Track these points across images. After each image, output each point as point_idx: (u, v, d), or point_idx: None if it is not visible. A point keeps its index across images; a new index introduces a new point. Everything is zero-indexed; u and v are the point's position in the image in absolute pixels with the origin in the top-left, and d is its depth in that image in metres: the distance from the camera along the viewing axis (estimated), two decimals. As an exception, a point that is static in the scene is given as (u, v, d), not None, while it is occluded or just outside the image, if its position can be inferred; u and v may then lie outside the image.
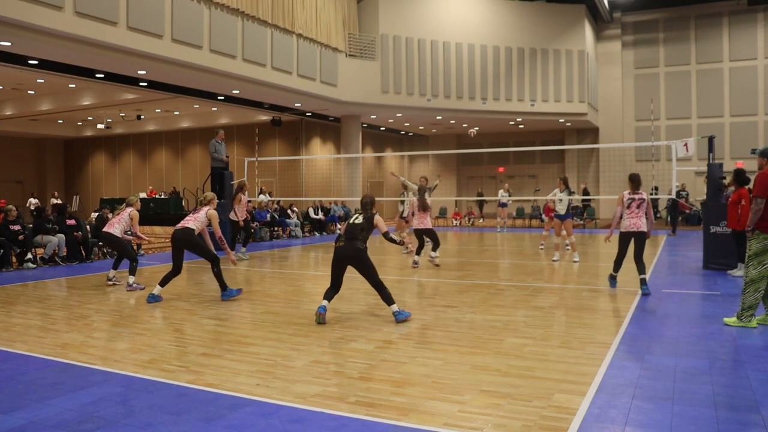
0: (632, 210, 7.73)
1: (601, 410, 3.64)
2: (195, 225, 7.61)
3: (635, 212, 7.72)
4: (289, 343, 5.32)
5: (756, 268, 5.75)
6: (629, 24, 28.23)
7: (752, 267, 5.77)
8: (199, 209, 7.84)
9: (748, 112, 26.16)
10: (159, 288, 7.49)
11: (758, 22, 25.93)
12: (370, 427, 3.43)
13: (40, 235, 11.36)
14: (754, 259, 5.76)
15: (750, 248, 5.80)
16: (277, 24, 17.79)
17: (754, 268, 5.76)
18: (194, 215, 7.74)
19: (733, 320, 5.86)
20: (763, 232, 5.74)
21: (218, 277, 7.58)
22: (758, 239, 5.75)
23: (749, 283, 5.76)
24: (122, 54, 13.50)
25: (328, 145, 26.83)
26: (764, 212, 5.75)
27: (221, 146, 14.64)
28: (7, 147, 29.91)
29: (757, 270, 5.74)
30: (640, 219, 7.69)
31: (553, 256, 11.72)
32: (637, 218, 7.70)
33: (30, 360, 4.91)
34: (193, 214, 7.77)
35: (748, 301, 5.75)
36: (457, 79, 22.97)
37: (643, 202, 7.71)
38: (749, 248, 5.81)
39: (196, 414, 3.65)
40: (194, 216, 7.72)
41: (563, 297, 7.63)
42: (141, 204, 9.79)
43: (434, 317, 6.41)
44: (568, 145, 27.89)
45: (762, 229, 5.74)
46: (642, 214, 7.71)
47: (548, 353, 4.91)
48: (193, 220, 7.65)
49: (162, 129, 29.09)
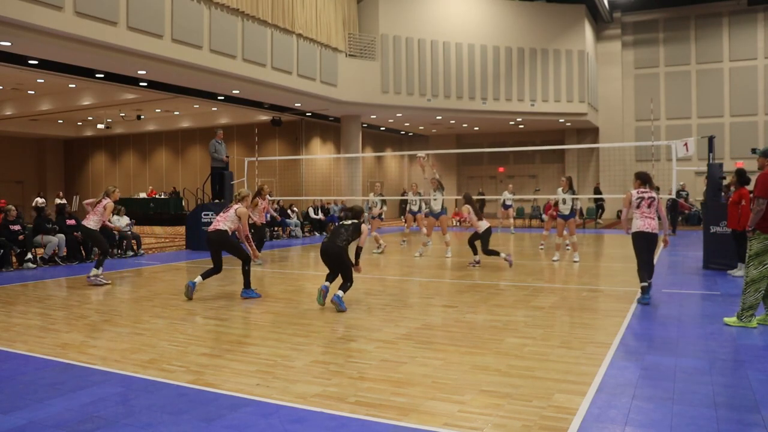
0: (643, 209, 7.07)
1: (601, 410, 3.64)
2: (226, 225, 7.75)
3: (646, 212, 7.06)
4: (289, 343, 5.32)
5: (757, 268, 5.75)
6: (629, 24, 28.24)
7: (753, 267, 5.77)
8: (229, 207, 7.95)
9: (748, 112, 26.16)
10: (200, 279, 7.77)
11: (758, 22, 25.94)
12: (370, 427, 3.43)
13: (40, 235, 11.36)
14: (755, 259, 5.76)
15: (751, 248, 5.80)
16: (277, 24, 17.79)
17: (755, 268, 5.76)
18: (224, 214, 7.85)
19: (734, 320, 5.86)
20: (763, 232, 5.74)
21: (246, 275, 7.81)
22: (759, 239, 5.75)
23: (750, 283, 5.76)
24: (122, 54, 13.50)
25: (328, 145, 26.83)
26: (766, 212, 5.76)
27: (221, 146, 14.65)
28: (7, 147, 29.92)
29: (758, 270, 5.74)
30: (654, 219, 7.09)
31: (553, 256, 11.73)
32: (651, 218, 7.09)
33: (30, 360, 4.91)
34: (224, 213, 7.88)
35: (748, 301, 5.75)
36: (457, 79, 22.97)
37: (654, 200, 7.08)
38: (750, 248, 5.81)
39: (196, 414, 3.65)
40: (225, 215, 7.83)
41: (563, 297, 7.63)
42: (118, 197, 10.15)
43: (434, 317, 6.41)
44: (568, 145, 27.89)
45: (763, 229, 5.75)
46: (654, 214, 7.11)
47: (548, 353, 4.91)
48: (223, 220, 7.78)
49: (162, 129, 29.10)
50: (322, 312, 6.78)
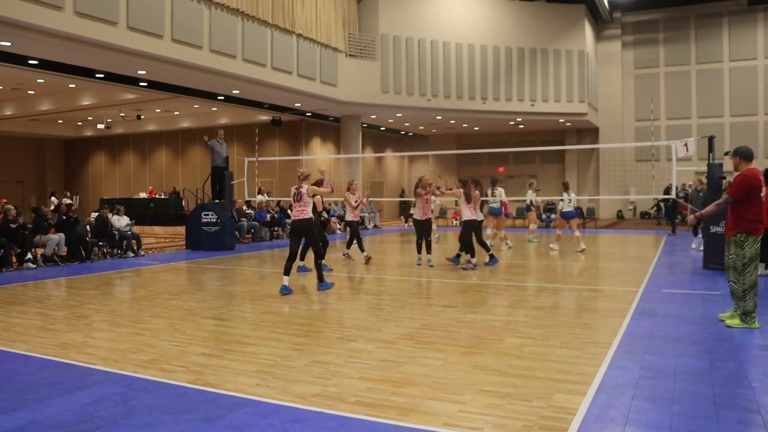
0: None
1: (601, 410, 3.64)
2: (309, 211, 8.02)
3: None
4: (289, 343, 5.32)
5: (753, 273, 5.69)
6: (629, 24, 28.23)
7: (749, 273, 5.69)
8: (300, 193, 8.04)
9: (748, 112, 26.15)
10: (287, 278, 7.93)
11: (758, 22, 25.93)
12: (370, 427, 3.43)
13: (38, 235, 11.36)
14: (750, 265, 5.69)
15: (744, 255, 5.69)
16: (277, 24, 17.78)
17: (751, 274, 5.69)
18: (301, 202, 8.00)
19: (737, 322, 5.80)
20: (751, 234, 5.69)
21: (318, 269, 8.20)
22: (751, 244, 5.69)
23: (748, 289, 5.68)
24: (122, 54, 13.49)
25: (328, 145, 26.83)
26: (749, 215, 5.68)
27: (221, 146, 14.66)
28: (7, 147, 29.91)
29: (754, 275, 5.70)
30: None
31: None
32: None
33: (30, 360, 4.91)
34: (299, 201, 8.01)
35: (749, 306, 5.70)
36: (457, 79, 22.96)
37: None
38: (743, 255, 5.69)
39: (196, 414, 3.65)
40: (302, 202, 7.99)
41: (563, 297, 7.63)
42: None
43: (434, 317, 6.41)
44: (568, 145, 27.88)
45: (750, 231, 5.69)
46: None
47: (548, 353, 4.91)
48: (304, 206, 7.97)
49: (162, 129, 29.09)
50: (322, 312, 6.79)
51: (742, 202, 5.73)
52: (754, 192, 5.69)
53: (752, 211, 5.68)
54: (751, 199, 5.69)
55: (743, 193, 5.69)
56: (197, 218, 14.41)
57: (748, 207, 5.69)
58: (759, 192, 5.74)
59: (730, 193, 5.74)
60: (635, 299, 7.29)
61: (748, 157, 5.86)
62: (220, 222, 14.15)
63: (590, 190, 27.60)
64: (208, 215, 14.21)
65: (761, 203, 5.76)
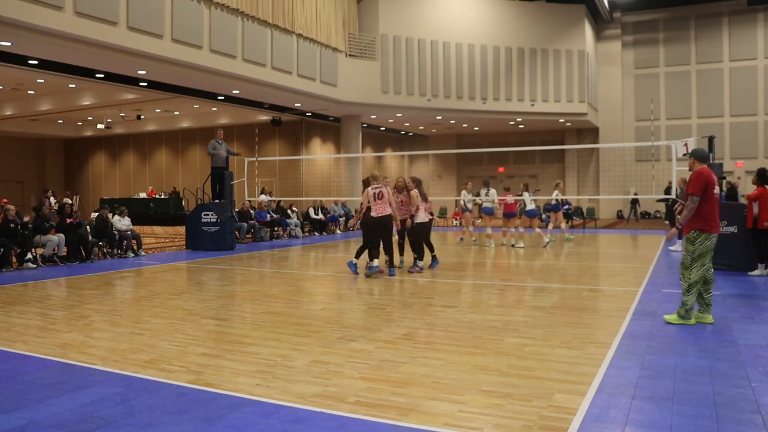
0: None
1: (601, 410, 3.64)
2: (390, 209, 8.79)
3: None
4: (289, 343, 5.32)
5: (699, 270, 5.81)
6: (629, 24, 28.23)
7: (696, 269, 5.81)
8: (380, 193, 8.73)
9: (748, 112, 26.16)
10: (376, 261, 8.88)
11: (758, 22, 25.94)
12: (370, 427, 3.43)
13: (38, 235, 11.36)
14: (698, 261, 5.81)
15: (694, 251, 5.81)
16: (277, 24, 17.79)
17: (698, 270, 5.81)
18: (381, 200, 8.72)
19: (674, 317, 5.96)
20: (703, 232, 5.79)
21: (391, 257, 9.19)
22: (702, 241, 5.80)
23: (692, 285, 5.81)
24: (122, 54, 13.50)
25: (328, 145, 26.83)
26: (703, 212, 5.79)
27: (221, 145, 14.66)
28: (7, 147, 29.92)
29: (700, 272, 5.81)
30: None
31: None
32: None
33: (30, 360, 4.91)
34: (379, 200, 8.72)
35: (690, 302, 5.84)
36: (457, 79, 22.97)
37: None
38: (693, 251, 5.81)
39: (196, 414, 3.65)
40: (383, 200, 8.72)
41: (563, 297, 7.63)
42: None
43: (434, 317, 6.41)
44: (568, 145, 27.89)
45: (703, 229, 5.79)
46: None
47: (548, 353, 4.91)
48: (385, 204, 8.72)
49: (162, 129, 29.11)
50: (322, 312, 6.79)
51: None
52: (709, 189, 5.85)
53: (706, 209, 5.82)
54: (706, 197, 5.84)
55: (702, 188, 5.81)
56: (197, 218, 14.41)
57: (702, 204, 5.83)
58: (713, 189, 5.89)
59: (692, 191, 5.85)
60: (635, 299, 7.29)
61: (703, 159, 6.11)
62: (220, 222, 14.15)
63: (590, 190, 27.61)
64: (208, 215, 14.21)
65: (714, 200, 5.91)
